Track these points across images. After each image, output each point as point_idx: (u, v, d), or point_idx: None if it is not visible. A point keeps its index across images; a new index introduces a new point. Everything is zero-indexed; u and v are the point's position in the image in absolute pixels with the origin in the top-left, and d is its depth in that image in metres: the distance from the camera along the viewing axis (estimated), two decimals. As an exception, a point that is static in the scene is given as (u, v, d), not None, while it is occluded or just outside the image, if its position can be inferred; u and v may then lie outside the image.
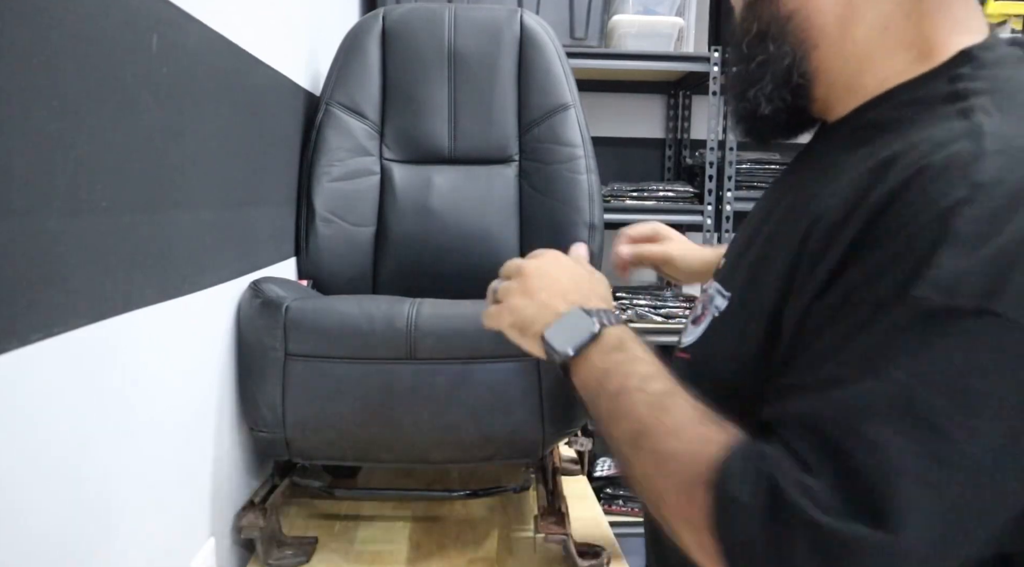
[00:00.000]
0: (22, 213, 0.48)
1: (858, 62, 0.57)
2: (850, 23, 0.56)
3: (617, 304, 2.04)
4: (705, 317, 0.63)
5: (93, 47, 0.55)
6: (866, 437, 0.43)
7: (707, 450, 0.49)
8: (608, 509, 1.99)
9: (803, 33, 0.58)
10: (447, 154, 1.24)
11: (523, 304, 0.67)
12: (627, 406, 0.56)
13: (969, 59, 0.53)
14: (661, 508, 0.52)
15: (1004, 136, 0.47)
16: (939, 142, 0.48)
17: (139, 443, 0.67)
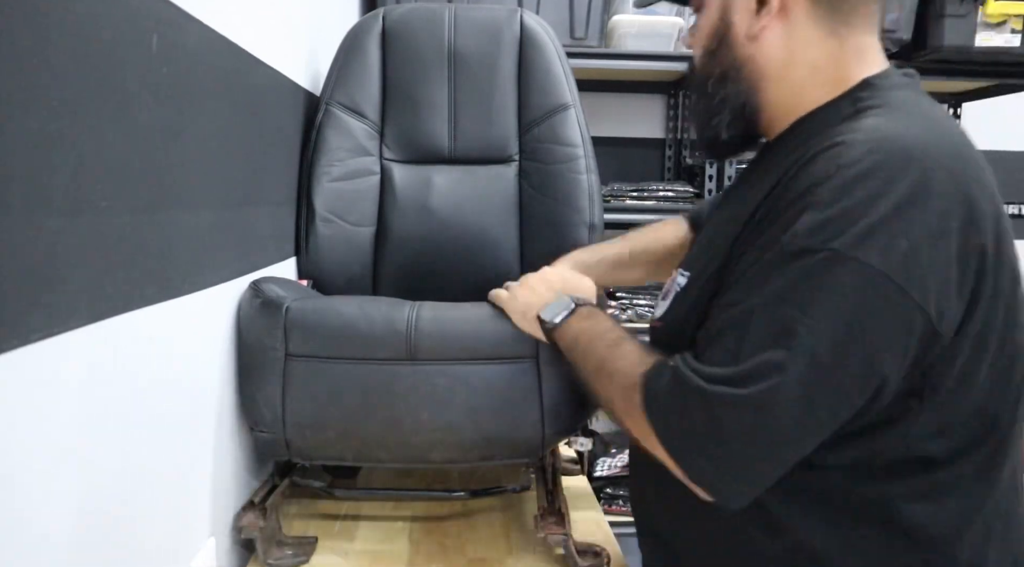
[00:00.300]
0: (22, 213, 0.48)
1: (794, 95, 0.75)
2: (788, 67, 0.75)
3: (617, 304, 2.04)
4: (670, 292, 0.81)
5: (93, 47, 0.55)
6: (739, 332, 0.63)
7: (641, 366, 0.70)
8: (608, 509, 1.99)
9: (753, 75, 0.76)
10: (447, 154, 1.24)
11: (525, 295, 0.90)
12: (593, 349, 0.79)
13: (866, 86, 0.72)
14: (615, 411, 0.74)
15: (875, 128, 0.65)
16: (834, 138, 0.66)
17: (139, 443, 0.67)
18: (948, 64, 2.04)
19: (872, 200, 0.60)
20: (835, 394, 0.61)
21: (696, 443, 0.64)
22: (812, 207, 0.62)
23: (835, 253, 0.60)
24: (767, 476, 0.64)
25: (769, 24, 0.74)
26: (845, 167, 0.62)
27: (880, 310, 0.60)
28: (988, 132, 2.43)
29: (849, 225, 0.60)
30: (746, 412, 0.61)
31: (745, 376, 0.61)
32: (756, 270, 0.65)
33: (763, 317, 0.62)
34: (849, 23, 0.72)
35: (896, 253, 0.59)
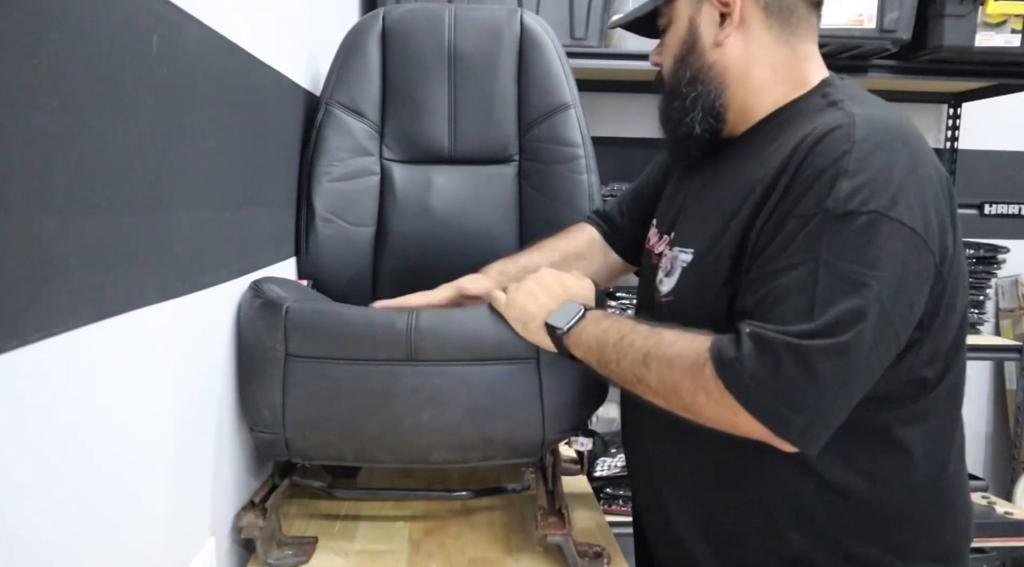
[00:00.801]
0: (22, 213, 0.48)
1: (757, 93, 0.88)
2: (749, 69, 0.88)
3: (617, 304, 2.04)
4: (675, 269, 0.87)
5: (93, 47, 0.55)
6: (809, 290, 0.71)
7: (699, 344, 0.75)
8: (608, 509, 1.99)
9: (719, 76, 0.88)
10: (447, 154, 1.24)
11: (524, 302, 0.89)
12: (629, 343, 0.81)
13: (828, 84, 0.87)
14: (681, 395, 0.76)
15: (865, 114, 0.77)
16: (829, 122, 0.77)
17: (139, 443, 0.67)
18: (948, 64, 2.04)
19: (888, 167, 0.73)
20: (894, 337, 0.73)
21: (792, 398, 0.70)
22: (843, 175, 0.72)
23: (877, 214, 0.71)
24: (843, 418, 0.72)
25: (731, 33, 0.87)
26: (859, 142, 0.74)
27: (915, 259, 0.72)
28: (988, 132, 2.45)
29: (880, 189, 0.72)
30: (839, 359, 0.69)
31: (832, 326, 0.69)
32: (804, 235, 0.73)
33: (830, 273, 0.71)
34: (796, 33, 0.87)
35: (916, 210, 0.72)
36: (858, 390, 0.72)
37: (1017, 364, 2.27)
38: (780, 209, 0.76)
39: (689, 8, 0.89)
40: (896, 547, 0.82)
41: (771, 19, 0.86)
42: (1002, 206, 2.48)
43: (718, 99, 0.89)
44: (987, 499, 2.16)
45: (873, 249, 0.71)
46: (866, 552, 0.82)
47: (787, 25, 0.86)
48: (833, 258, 0.71)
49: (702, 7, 0.88)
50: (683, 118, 0.90)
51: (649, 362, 0.78)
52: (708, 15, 0.88)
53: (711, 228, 0.84)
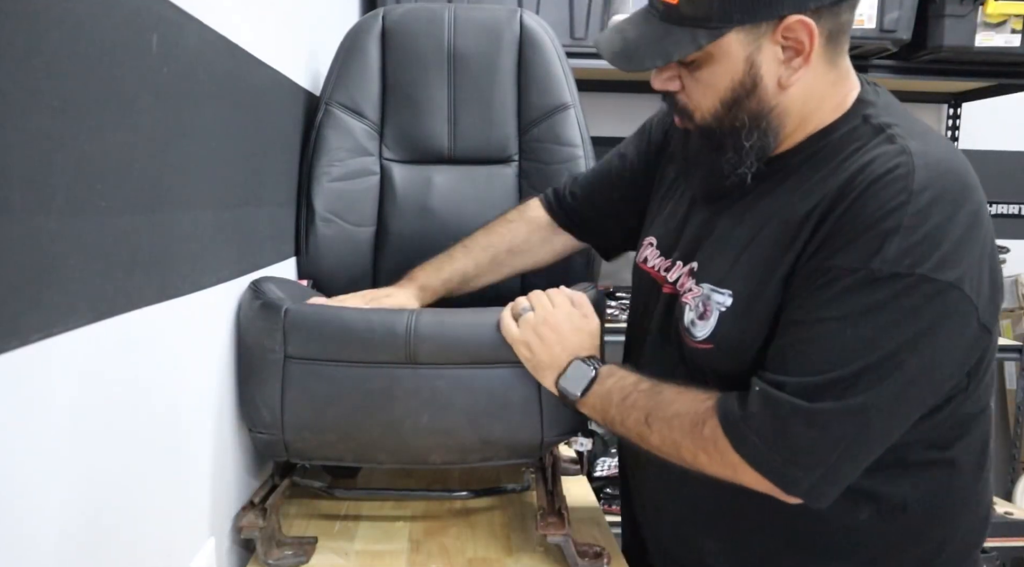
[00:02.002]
0: (22, 213, 0.48)
1: (803, 122, 0.79)
2: (807, 102, 0.78)
3: (617, 304, 2.04)
4: (710, 313, 0.80)
5: (93, 47, 0.55)
6: (831, 346, 0.69)
7: (702, 403, 0.75)
8: (608, 509, 1.99)
9: (780, 118, 0.78)
10: (447, 154, 1.24)
11: (538, 349, 0.87)
12: (632, 403, 0.81)
13: (866, 104, 0.79)
14: (682, 454, 0.76)
15: (924, 154, 0.71)
16: (883, 160, 0.71)
17: (139, 443, 0.67)
18: (948, 64, 2.04)
19: (947, 226, 0.68)
20: (919, 401, 0.72)
21: (800, 458, 0.70)
22: (895, 232, 0.67)
23: (923, 278, 0.67)
24: (856, 475, 0.72)
25: (800, 74, 0.76)
26: (917, 193, 0.68)
27: (957, 321, 0.69)
28: (988, 132, 2.45)
29: (931, 249, 0.67)
30: (852, 421, 0.68)
31: (847, 387, 0.68)
32: (841, 289, 0.69)
33: (858, 334, 0.68)
34: (841, 50, 0.78)
35: (967, 268, 0.68)
36: (874, 450, 0.71)
37: (1017, 364, 2.27)
38: (821, 255, 0.71)
39: (746, 47, 0.74)
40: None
41: (828, 45, 0.76)
42: (1002, 206, 2.48)
43: (774, 142, 0.79)
44: (987, 499, 2.16)
45: (912, 314, 0.68)
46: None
47: (838, 45, 0.77)
48: (867, 321, 0.68)
49: (762, 44, 0.74)
50: (735, 169, 0.80)
51: (651, 423, 0.78)
52: (771, 53, 0.74)
53: (752, 270, 0.77)
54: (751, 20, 0.73)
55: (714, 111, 0.79)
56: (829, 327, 0.69)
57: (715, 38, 0.74)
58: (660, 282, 0.90)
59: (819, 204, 0.73)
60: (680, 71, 0.79)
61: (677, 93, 0.81)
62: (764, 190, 0.80)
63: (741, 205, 0.82)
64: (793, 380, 0.70)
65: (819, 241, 0.72)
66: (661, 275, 0.90)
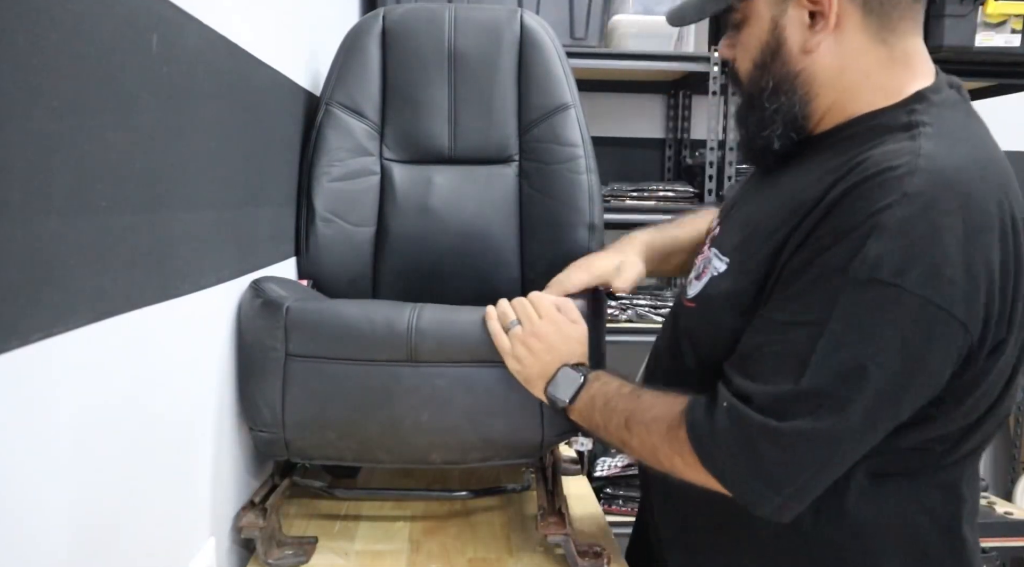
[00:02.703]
0: (22, 213, 0.48)
1: (845, 99, 0.76)
2: (841, 76, 0.76)
3: (617, 304, 2.04)
4: (705, 274, 0.81)
5: (93, 47, 0.55)
6: (803, 357, 0.66)
7: (675, 408, 0.74)
8: (608, 509, 1.99)
9: (807, 86, 0.77)
10: (447, 154, 1.24)
11: (527, 361, 0.87)
12: (612, 408, 0.81)
13: (921, 99, 0.74)
14: (660, 457, 0.76)
15: (934, 157, 0.66)
16: (889, 155, 0.67)
17: (139, 443, 0.67)
18: (948, 64, 2.03)
19: (936, 234, 0.63)
20: (891, 418, 0.68)
21: (767, 477, 0.68)
22: (878, 233, 0.64)
23: (903, 290, 0.63)
24: (821, 490, 0.69)
25: (824, 38, 0.75)
26: (910, 196, 0.64)
27: (940, 341, 0.65)
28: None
29: (917, 261, 0.63)
30: (821, 441, 0.66)
31: (817, 403, 0.65)
32: (818, 290, 0.66)
33: (832, 347, 0.65)
34: (897, 30, 0.74)
35: (956, 289, 0.64)
36: (842, 466, 0.69)
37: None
38: (806, 249, 0.69)
39: (771, 8, 0.76)
40: None
41: (869, 17, 0.73)
42: (1002, 206, 2.48)
43: (803, 111, 0.78)
44: (987, 499, 2.16)
45: (889, 328, 0.64)
46: None
47: (888, 21, 0.73)
48: (842, 328, 0.65)
49: (787, 7, 0.76)
50: (760, 131, 0.80)
51: (631, 427, 0.78)
52: (796, 17, 0.75)
53: (748, 244, 0.77)
54: None
55: (748, 73, 0.81)
56: (802, 331, 0.67)
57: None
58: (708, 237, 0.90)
59: (817, 190, 0.71)
60: (733, 39, 0.82)
61: (734, 62, 0.84)
62: (789, 169, 0.80)
63: (769, 182, 0.82)
64: (760, 389, 0.68)
65: (804, 232, 0.69)
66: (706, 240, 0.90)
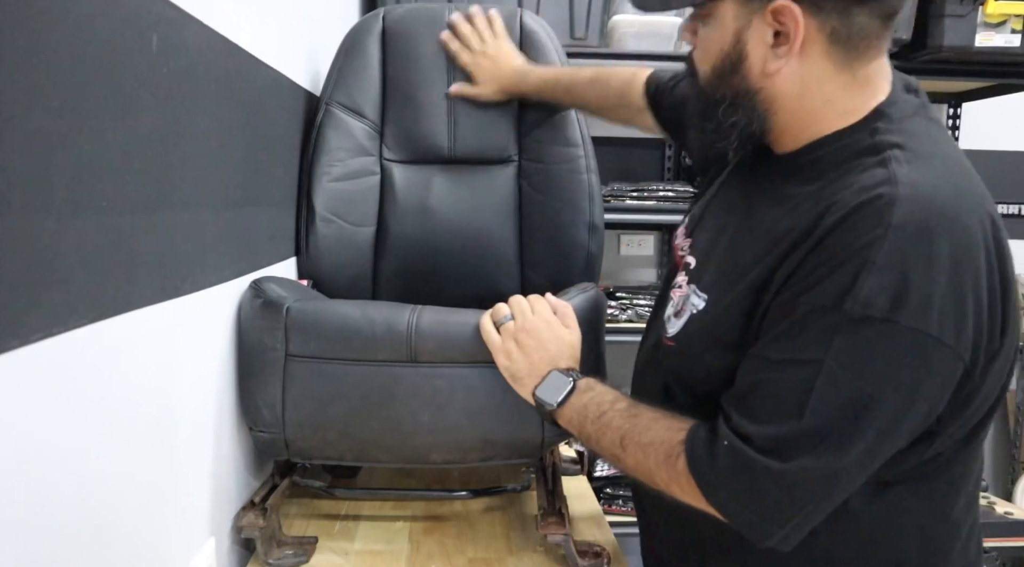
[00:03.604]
0: (22, 213, 0.48)
1: (806, 122, 0.75)
2: (801, 99, 0.74)
3: (617, 304, 2.04)
4: (685, 312, 0.80)
5: (93, 47, 0.55)
6: (802, 396, 0.65)
7: (675, 434, 0.73)
8: (608, 509, 1.99)
9: (766, 104, 0.75)
10: (447, 154, 1.24)
11: (516, 357, 0.87)
12: (607, 422, 0.79)
13: (881, 115, 0.73)
14: (655, 480, 0.75)
15: (913, 183, 0.65)
16: (866, 188, 0.66)
17: (139, 443, 0.67)
18: (948, 64, 2.04)
19: (925, 265, 0.63)
20: (890, 450, 0.68)
21: (772, 515, 0.68)
22: (869, 269, 0.63)
23: (898, 326, 0.63)
24: (824, 516, 0.70)
25: (786, 63, 0.72)
26: (896, 229, 0.63)
27: (936, 371, 0.65)
28: (988, 132, 2.45)
29: (909, 295, 0.62)
30: (820, 480, 0.67)
31: (818, 443, 0.65)
32: (811, 328, 0.66)
33: (829, 386, 0.65)
34: (863, 58, 0.73)
35: (950, 316, 0.64)
36: (841, 498, 0.69)
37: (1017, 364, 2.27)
38: (793, 286, 0.68)
39: (736, 19, 0.73)
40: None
41: (835, 46, 0.71)
42: (1002, 206, 2.48)
43: (760, 127, 0.77)
44: (987, 499, 2.16)
45: (886, 365, 0.64)
46: None
47: (853, 50, 0.72)
48: (839, 367, 0.64)
49: (752, 21, 0.72)
50: (716, 141, 0.79)
51: (626, 446, 0.77)
52: (759, 32, 0.72)
53: (726, 279, 0.76)
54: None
55: (706, 77, 0.78)
56: (798, 371, 0.66)
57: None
58: (679, 266, 0.88)
59: (798, 225, 0.70)
60: (698, 26, 0.79)
61: (693, 50, 0.81)
62: (760, 192, 0.79)
63: (743, 211, 0.81)
64: (759, 429, 0.67)
65: (791, 268, 0.68)
66: (679, 258, 0.89)
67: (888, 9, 0.71)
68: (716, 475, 0.69)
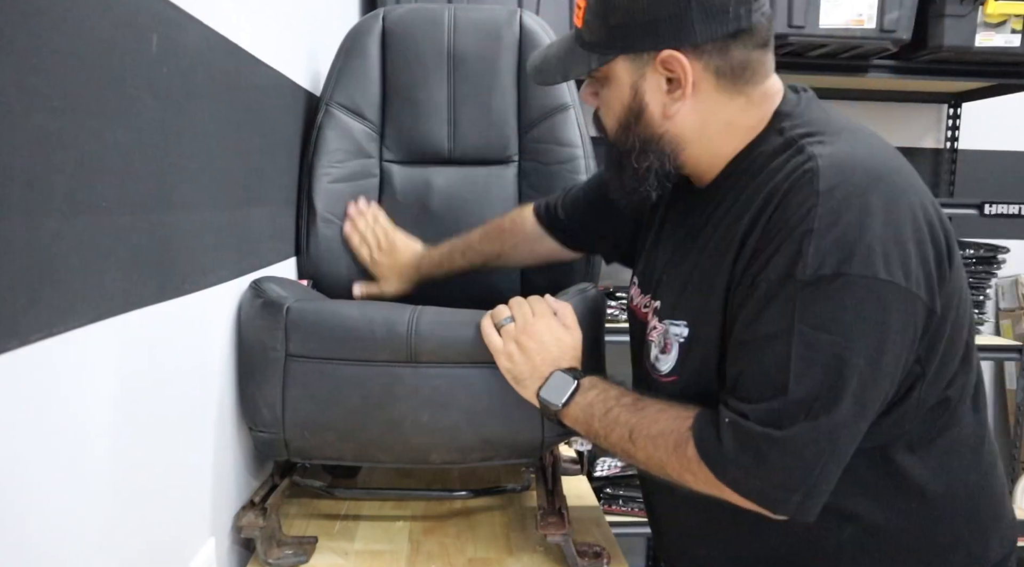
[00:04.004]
0: (22, 213, 0.48)
1: (715, 147, 0.81)
2: (704, 130, 0.80)
3: (617, 304, 2.04)
4: (671, 346, 0.82)
5: (93, 47, 0.55)
6: (782, 365, 0.69)
7: (682, 423, 0.76)
8: (608, 509, 1.99)
9: (672, 144, 0.81)
10: (447, 155, 1.24)
11: (518, 359, 0.87)
12: (614, 418, 0.81)
13: (781, 116, 0.80)
14: (667, 471, 0.77)
15: (830, 155, 0.72)
16: (793, 170, 0.72)
17: (139, 443, 0.67)
18: (948, 64, 2.04)
19: (860, 219, 0.68)
20: (878, 396, 0.71)
21: (782, 481, 0.71)
22: (811, 235, 0.68)
23: (849, 276, 0.67)
24: (835, 480, 0.72)
25: (682, 105, 0.79)
26: (825, 193, 0.69)
27: (898, 313, 0.69)
28: (988, 132, 2.45)
29: (851, 245, 0.67)
30: (823, 438, 0.69)
31: (811, 405, 0.69)
32: (774, 303, 0.70)
33: (805, 346, 0.68)
34: (751, 81, 0.79)
35: (895, 258, 0.68)
36: (847, 453, 0.72)
37: (1017, 364, 2.27)
38: (750, 270, 0.73)
39: (630, 74, 0.79)
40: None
41: (722, 79, 0.78)
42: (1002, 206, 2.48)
43: (673, 164, 0.82)
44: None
45: (848, 314, 0.68)
46: None
47: (740, 78, 0.78)
48: (808, 329, 0.68)
49: (646, 73, 0.78)
50: (637, 187, 0.84)
51: (635, 439, 0.79)
52: (654, 82, 0.78)
53: (696, 296, 0.80)
54: (632, 50, 0.78)
55: (614, 130, 0.84)
56: (773, 344, 0.70)
57: (603, 63, 0.80)
58: (644, 321, 0.90)
59: (742, 222, 0.75)
60: (597, 89, 0.85)
61: (597, 109, 0.87)
62: (699, 220, 0.83)
63: (686, 238, 0.85)
64: (754, 407, 0.71)
65: (747, 257, 0.73)
66: (644, 313, 0.90)
67: (760, 40, 0.78)
68: (723, 453, 0.72)
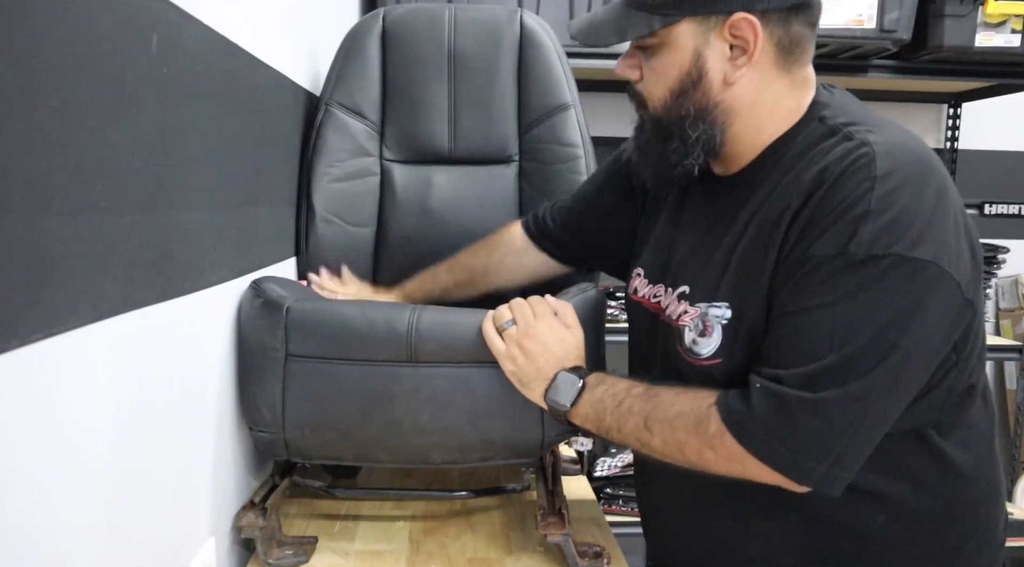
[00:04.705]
0: (22, 213, 0.48)
1: (758, 127, 0.82)
2: (756, 104, 0.81)
3: (617, 304, 2.04)
4: (711, 328, 0.80)
5: (93, 47, 0.55)
6: (822, 334, 0.71)
7: (701, 401, 0.76)
8: (608, 509, 1.99)
9: (724, 116, 0.82)
10: (447, 154, 1.24)
11: (522, 362, 0.87)
12: (627, 409, 0.81)
13: (821, 106, 0.82)
14: (687, 454, 0.77)
15: (883, 143, 0.74)
16: (845, 155, 0.74)
17: (139, 443, 0.67)
18: (948, 64, 2.04)
19: (915, 206, 0.71)
20: (915, 376, 0.73)
21: (810, 447, 0.71)
22: (865, 217, 0.70)
23: (899, 257, 0.69)
24: (864, 457, 0.73)
25: (745, 72, 0.80)
26: (882, 178, 0.71)
27: (940, 298, 0.71)
28: (988, 132, 2.45)
29: (904, 229, 0.70)
30: (855, 405, 0.71)
31: (845, 372, 0.70)
32: (823, 277, 0.71)
33: (847, 322, 0.70)
34: (799, 60, 0.82)
35: (941, 243, 0.71)
36: (878, 430, 0.73)
37: (1017, 364, 2.27)
38: (799, 247, 0.73)
39: (695, 38, 0.79)
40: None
41: (780, 53, 0.80)
42: (1002, 206, 2.48)
43: (720, 138, 0.82)
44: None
45: (894, 294, 0.70)
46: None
47: (792, 54, 0.80)
48: (852, 303, 0.70)
49: (710, 38, 0.79)
50: (683, 159, 0.83)
51: (651, 426, 0.79)
52: (718, 49, 0.79)
53: (742, 278, 0.79)
54: (701, 12, 0.78)
55: (664, 100, 0.83)
56: (816, 315, 0.71)
57: (667, 24, 0.79)
58: (656, 311, 0.89)
59: (791, 203, 0.75)
60: (640, 59, 0.85)
61: (636, 82, 0.86)
62: (735, 203, 0.83)
63: (717, 221, 0.85)
64: (790, 372, 0.71)
65: (796, 235, 0.74)
66: (655, 303, 0.90)
67: (814, 18, 0.81)
68: (751, 419, 0.72)
